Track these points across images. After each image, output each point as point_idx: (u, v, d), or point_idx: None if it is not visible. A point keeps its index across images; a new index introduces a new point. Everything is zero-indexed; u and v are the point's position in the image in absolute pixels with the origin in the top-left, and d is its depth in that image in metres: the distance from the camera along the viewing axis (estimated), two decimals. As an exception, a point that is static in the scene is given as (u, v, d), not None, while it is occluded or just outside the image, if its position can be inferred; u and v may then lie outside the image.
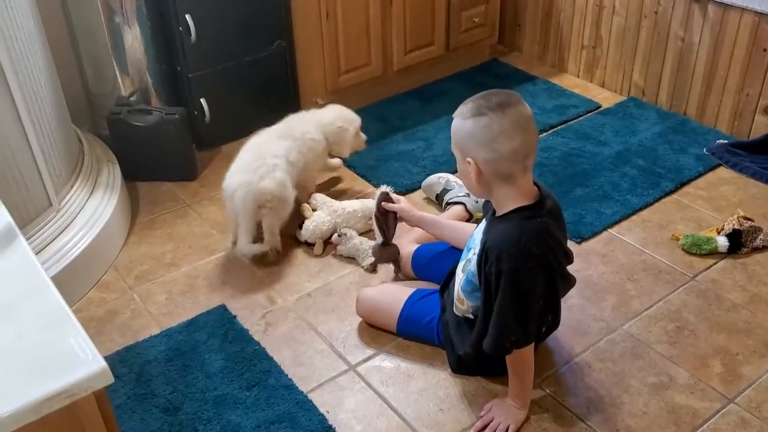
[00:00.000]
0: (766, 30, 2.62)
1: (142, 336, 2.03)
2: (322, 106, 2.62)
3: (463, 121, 1.61)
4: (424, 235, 2.24)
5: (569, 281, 1.80)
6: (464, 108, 1.62)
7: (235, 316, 2.09)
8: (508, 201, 1.64)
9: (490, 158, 1.59)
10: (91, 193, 2.35)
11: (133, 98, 2.75)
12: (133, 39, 2.68)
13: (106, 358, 1.93)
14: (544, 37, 3.45)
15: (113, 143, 2.66)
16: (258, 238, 2.28)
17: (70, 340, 0.92)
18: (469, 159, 1.61)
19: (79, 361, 0.89)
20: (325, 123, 2.50)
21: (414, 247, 2.16)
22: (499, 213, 1.67)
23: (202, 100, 2.80)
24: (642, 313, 2.07)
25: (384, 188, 2.12)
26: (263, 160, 2.27)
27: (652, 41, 3.01)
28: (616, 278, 2.20)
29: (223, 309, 2.11)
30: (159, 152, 2.66)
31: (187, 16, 2.64)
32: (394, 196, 2.11)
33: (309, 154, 2.43)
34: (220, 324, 2.06)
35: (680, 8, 2.86)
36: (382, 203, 2.07)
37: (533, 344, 1.71)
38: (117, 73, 2.72)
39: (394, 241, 2.15)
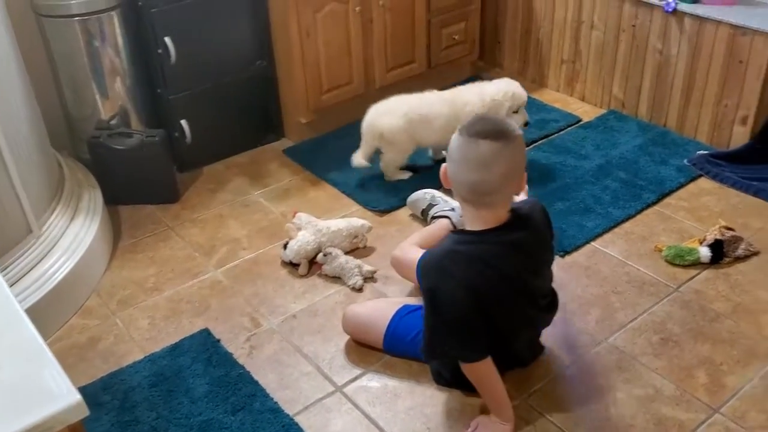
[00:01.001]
0: (741, 42, 2.66)
1: (126, 362, 2.01)
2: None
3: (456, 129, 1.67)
4: (427, 240, 2.22)
5: (526, 316, 1.79)
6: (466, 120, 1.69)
7: (218, 340, 2.07)
8: (468, 221, 1.71)
9: (452, 177, 1.67)
10: (72, 219, 2.33)
11: (113, 121, 2.75)
12: (112, 62, 2.68)
13: (89, 386, 1.93)
14: (523, 52, 3.48)
15: (94, 167, 2.65)
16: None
17: (45, 374, 0.91)
18: (444, 164, 1.69)
19: (54, 395, 0.88)
20: (484, 93, 2.65)
21: (418, 252, 2.14)
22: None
23: (183, 122, 2.80)
24: (627, 325, 2.07)
25: None
26: (404, 105, 2.64)
27: (630, 54, 3.04)
28: (600, 291, 2.20)
29: (206, 333, 2.10)
30: (140, 175, 2.64)
31: (167, 39, 2.64)
32: None
33: (458, 119, 2.57)
34: (204, 348, 2.04)
35: (658, 21, 2.89)
36: None
37: (490, 360, 1.71)
38: (97, 96, 2.71)
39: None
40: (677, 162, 2.79)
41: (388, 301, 2.11)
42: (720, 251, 2.27)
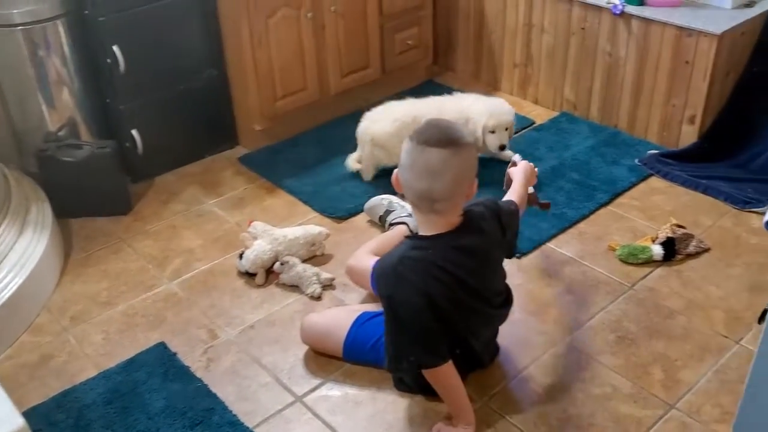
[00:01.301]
0: (686, 43, 2.72)
1: (79, 379, 1.96)
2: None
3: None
4: (381, 247, 2.21)
5: (483, 315, 1.81)
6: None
7: (175, 354, 2.03)
8: (420, 225, 1.72)
9: (403, 183, 1.68)
10: (20, 233, 2.27)
11: (61, 133, 2.68)
12: (59, 72, 2.62)
13: (41, 405, 1.88)
14: (477, 57, 3.50)
15: (43, 180, 2.58)
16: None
17: (-14, 398, 0.87)
18: (397, 169, 1.68)
19: (-4, 420, 0.85)
20: (470, 107, 2.69)
21: (373, 260, 2.13)
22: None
23: (134, 132, 2.75)
24: (584, 324, 2.10)
25: (514, 157, 2.28)
26: (396, 110, 2.70)
27: (581, 57, 3.09)
28: (557, 291, 2.22)
29: (162, 346, 2.06)
30: (91, 187, 2.59)
31: (115, 48, 2.59)
32: (517, 159, 2.23)
33: None
34: (160, 362, 2.00)
35: (606, 24, 2.94)
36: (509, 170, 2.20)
37: (452, 364, 1.71)
38: (43, 107, 2.65)
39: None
40: (628, 162, 2.84)
41: (346, 309, 2.10)
42: (672, 249, 2.31)
